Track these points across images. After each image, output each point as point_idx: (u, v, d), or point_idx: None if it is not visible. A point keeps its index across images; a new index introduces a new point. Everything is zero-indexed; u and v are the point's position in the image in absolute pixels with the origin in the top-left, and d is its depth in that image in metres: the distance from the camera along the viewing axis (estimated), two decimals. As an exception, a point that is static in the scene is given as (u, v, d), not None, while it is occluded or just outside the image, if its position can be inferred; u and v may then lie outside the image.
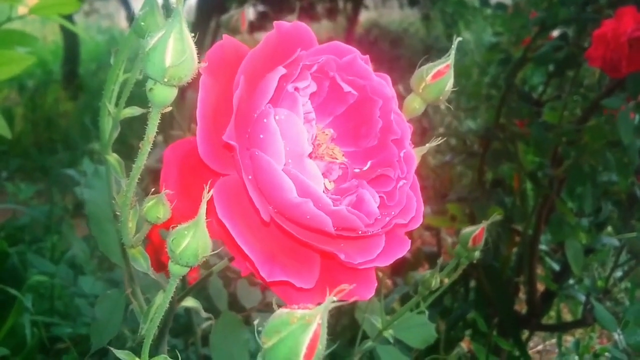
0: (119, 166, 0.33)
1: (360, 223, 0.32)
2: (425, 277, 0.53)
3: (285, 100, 0.33)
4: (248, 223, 0.31)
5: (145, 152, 0.29)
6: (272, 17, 4.32)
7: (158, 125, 0.32)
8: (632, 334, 0.70)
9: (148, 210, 0.31)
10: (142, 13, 0.31)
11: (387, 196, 0.34)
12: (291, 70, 0.32)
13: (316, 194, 0.30)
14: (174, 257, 0.28)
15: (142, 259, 0.34)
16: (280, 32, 0.34)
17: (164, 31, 0.26)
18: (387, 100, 0.35)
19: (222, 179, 0.31)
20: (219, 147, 0.31)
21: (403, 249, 0.34)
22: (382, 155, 0.36)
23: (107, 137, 0.33)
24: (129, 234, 0.33)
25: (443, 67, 0.38)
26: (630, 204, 1.10)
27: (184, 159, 0.32)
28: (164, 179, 0.31)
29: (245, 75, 0.31)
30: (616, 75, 0.92)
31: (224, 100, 0.31)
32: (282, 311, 0.24)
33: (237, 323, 0.54)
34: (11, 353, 0.85)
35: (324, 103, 0.37)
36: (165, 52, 0.26)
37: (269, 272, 0.29)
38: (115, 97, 0.33)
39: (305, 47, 0.34)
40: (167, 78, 0.26)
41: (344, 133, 0.37)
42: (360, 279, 0.33)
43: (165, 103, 0.28)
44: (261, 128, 0.31)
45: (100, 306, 0.46)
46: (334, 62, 0.34)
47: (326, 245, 0.31)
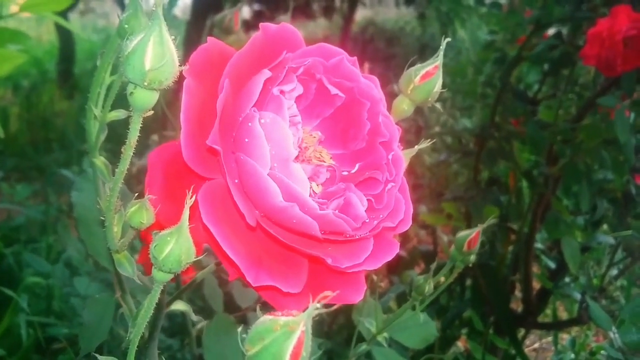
0: (105, 169, 0.32)
1: (347, 227, 0.31)
2: (418, 282, 0.53)
3: (271, 104, 0.33)
4: (234, 227, 0.31)
5: (127, 157, 0.29)
6: (267, 15, 4.31)
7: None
8: (627, 332, 0.70)
9: (131, 215, 0.30)
10: (125, 15, 0.30)
11: (375, 199, 0.34)
12: (277, 73, 0.32)
13: (302, 198, 0.30)
14: (157, 264, 0.28)
15: (127, 264, 0.34)
16: (266, 34, 0.33)
17: (144, 34, 0.26)
18: (375, 102, 0.35)
19: (208, 183, 0.31)
20: (203, 151, 0.30)
21: (391, 252, 0.34)
22: (370, 158, 0.36)
23: (94, 140, 0.33)
24: (114, 239, 0.32)
25: (431, 68, 0.38)
26: (626, 202, 1.10)
27: (169, 162, 0.31)
28: (148, 183, 0.31)
29: (230, 78, 0.31)
30: (611, 74, 0.92)
31: (209, 103, 0.30)
32: (266, 318, 0.24)
33: (230, 324, 0.53)
34: (7, 353, 0.85)
35: (311, 105, 0.36)
36: (145, 55, 0.25)
37: (255, 277, 0.29)
38: (101, 100, 0.33)
39: (292, 49, 0.34)
40: (147, 82, 0.26)
41: (332, 135, 0.37)
42: (348, 282, 0.32)
43: (146, 107, 0.27)
44: (246, 132, 0.30)
45: (89, 311, 0.45)
46: (321, 65, 0.34)
47: (313, 249, 0.31)
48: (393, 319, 0.56)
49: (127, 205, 0.31)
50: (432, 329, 0.62)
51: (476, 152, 1.25)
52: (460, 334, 1.23)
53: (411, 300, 0.54)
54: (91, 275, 0.97)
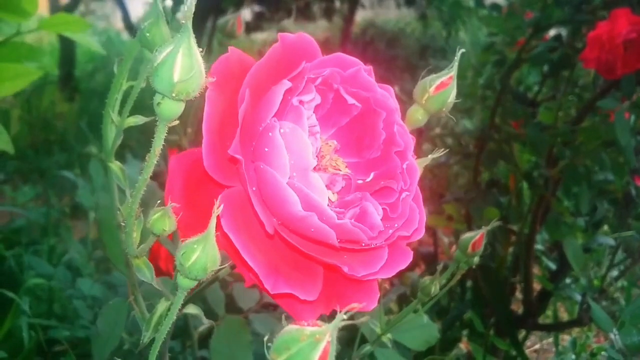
0: (121, 174, 0.32)
1: (364, 236, 0.32)
2: (425, 284, 0.52)
3: (290, 114, 0.33)
4: (252, 235, 0.31)
5: (151, 164, 0.29)
6: (268, 17, 4.31)
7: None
8: (628, 334, 0.71)
9: (154, 222, 0.31)
10: (147, 24, 0.31)
11: (390, 208, 0.35)
12: (296, 83, 0.33)
13: (320, 208, 0.30)
14: (183, 271, 0.28)
15: (146, 270, 0.34)
16: (285, 44, 0.34)
17: (173, 46, 0.26)
18: (391, 112, 0.36)
19: (227, 191, 0.31)
20: (224, 159, 0.31)
21: (406, 260, 0.34)
22: (385, 167, 0.36)
23: (110, 144, 0.33)
24: (134, 245, 0.33)
25: (446, 78, 0.38)
26: (626, 203, 1.10)
27: (188, 170, 0.32)
28: (168, 190, 0.31)
29: (250, 88, 0.31)
30: (611, 77, 0.92)
31: (230, 112, 0.31)
32: (292, 327, 0.24)
33: (239, 326, 0.54)
34: (9, 356, 0.85)
35: (328, 114, 0.37)
36: (174, 67, 0.26)
37: (273, 284, 0.30)
38: (118, 105, 0.33)
39: (310, 59, 0.34)
40: (175, 93, 0.26)
41: (348, 144, 0.38)
42: (363, 290, 0.33)
43: (173, 117, 0.28)
44: (266, 141, 0.31)
45: (103, 318, 0.45)
46: (338, 75, 0.35)
47: (329, 257, 0.31)
48: (397, 320, 0.56)
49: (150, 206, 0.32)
50: (433, 331, 0.62)
51: (476, 154, 1.26)
52: (462, 336, 1.23)
53: (416, 301, 0.54)
54: (93, 277, 0.97)
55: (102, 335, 0.44)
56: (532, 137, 1.07)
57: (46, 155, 2.73)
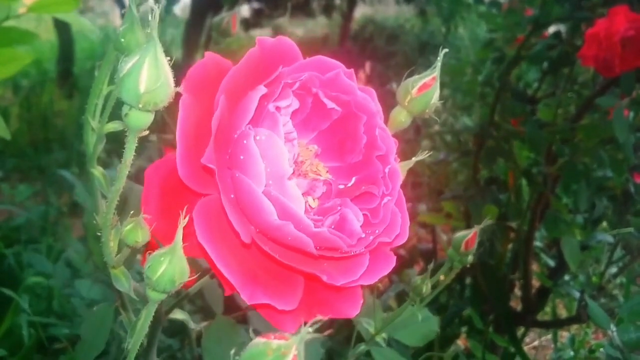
0: (103, 180, 0.32)
1: (343, 244, 0.31)
2: (416, 283, 0.52)
3: (266, 120, 0.32)
4: (229, 244, 0.31)
5: (123, 175, 0.29)
6: (267, 14, 4.30)
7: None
8: (625, 331, 0.71)
9: (127, 233, 0.31)
10: (122, 29, 0.30)
11: (371, 213, 0.34)
12: (272, 89, 0.32)
13: (297, 216, 0.30)
14: (151, 284, 0.28)
15: (124, 279, 0.33)
16: (263, 48, 0.33)
17: (138, 56, 0.25)
18: (372, 115, 0.35)
19: (203, 200, 0.31)
20: (199, 168, 0.30)
21: (388, 266, 0.33)
22: (366, 171, 0.36)
23: (92, 150, 0.33)
24: (111, 254, 0.32)
25: (429, 79, 0.37)
26: (625, 200, 1.11)
27: (165, 178, 0.31)
28: (145, 199, 0.31)
29: (226, 93, 0.31)
30: (609, 75, 0.92)
31: (206, 119, 0.30)
32: (259, 341, 0.24)
33: (230, 326, 0.53)
34: (8, 353, 0.85)
35: (308, 119, 0.36)
36: (140, 78, 0.25)
37: (250, 295, 0.29)
38: (99, 111, 0.33)
39: (289, 63, 0.34)
40: (142, 104, 0.26)
41: (329, 148, 0.37)
42: (345, 296, 0.33)
43: (142, 127, 0.27)
44: (241, 149, 0.30)
45: (87, 324, 0.45)
46: (317, 79, 0.34)
47: (308, 266, 0.31)
48: (391, 319, 0.56)
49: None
50: (433, 325, 0.61)
51: (475, 151, 1.26)
52: (460, 332, 1.23)
53: (409, 300, 0.54)
54: (92, 276, 0.97)
55: (85, 342, 0.44)
56: (531, 134, 1.07)
57: (45, 153, 2.73)
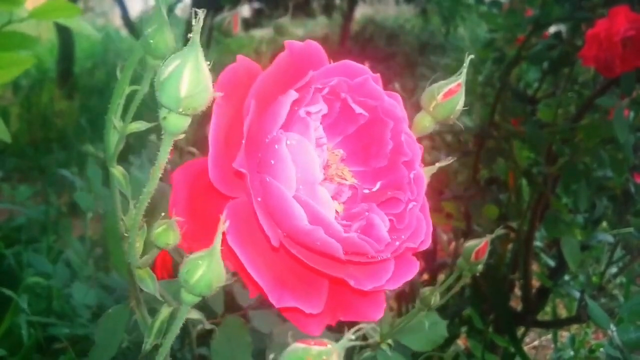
0: (124, 180, 0.32)
1: (371, 249, 0.31)
2: (424, 294, 0.52)
3: (297, 125, 0.33)
4: (257, 248, 0.31)
5: (156, 178, 0.29)
6: (267, 14, 4.30)
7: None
8: (625, 331, 0.71)
9: (158, 235, 0.30)
10: (151, 30, 0.30)
11: (397, 219, 0.34)
12: (303, 94, 0.32)
13: (327, 221, 0.30)
14: (188, 287, 0.28)
15: (149, 280, 0.34)
16: (292, 53, 0.33)
17: (180, 60, 0.25)
18: (398, 121, 0.35)
19: (232, 203, 0.31)
20: (230, 171, 0.30)
21: (412, 271, 0.34)
22: (392, 177, 0.36)
23: (112, 150, 0.32)
24: (137, 255, 0.32)
25: (454, 85, 0.37)
26: (625, 200, 1.11)
27: (193, 181, 0.31)
28: (173, 201, 0.31)
29: (257, 98, 0.31)
30: (610, 75, 0.92)
31: (236, 123, 0.30)
32: (298, 346, 0.24)
33: (239, 327, 0.53)
34: (8, 353, 0.85)
35: (334, 123, 0.36)
36: (181, 82, 0.25)
37: (279, 298, 0.29)
38: (120, 111, 0.32)
39: (317, 67, 0.34)
40: (181, 108, 0.26)
41: (354, 152, 0.37)
42: (369, 300, 0.33)
43: (179, 131, 0.27)
44: (272, 154, 0.31)
45: (101, 328, 0.44)
46: (345, 84, 0.34)
47: (335, 271, 0.31)
48: (397, 327, 0.55)
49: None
50: (441, 330, 0.60)
51: (476, 151, 1.26)
52: (460, 332, 1.23)
53: (416, 309, 0.53)
54: (91, 277, 0.97)
55: (101, 344, 0.43)
56: (531, 134, 1.07)
57: (45, 152, 2.73)
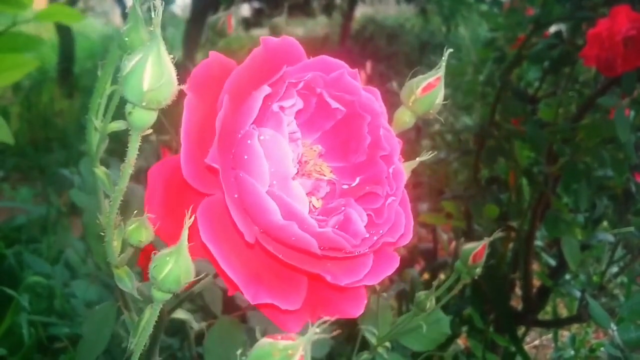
0: (106, 179, 0.32)
1: (347, 244, 0.31)
2: (420, 299, 0.51)
3: (270, 120, 0.33)
4: (233, 244, 0.30)
5: (126, 175, 0.29)
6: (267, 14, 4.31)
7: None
8: (626, 330, 0.71)
9: (130, 233, 0.30)
10: (125, 28, 0.30)
11: (375, 214, 0.34)
12: (276, 88, 0.32)
13: (301, 216, 0.30)
14: (156, 284, 0.28)
15: (127, 279, 0.33)
16: (267, 48, 0.33)
17: (142, 54, 0.25)
18: (376, 115, 0.35)
19: (207, 199, 0.31)
20: (203, 167, 0.30)
21: (392, 266, 0.33)
22: (371, 171, 0.36)
23: (95, 150, 0.32)
24: (114, 254, 0.32)
25: (433, 79, 0.37)
26: (626, 199, 1.11)
27: (169, 178, 0.31)
28: (148, 198, 0.31)
29: (230, 93, 0.31)
30: (611, 74, 0.92)
31: (210, 118, 0.30)
32: (265, 341, 0.24)
33: (233, 326, 0.53)
34: (9, 353, 0.86)
35: (312, 119, 0.36)
36: (143, 76, 0.25)
37: (254, 294, 0.29)
38: (102, 110, 0.33)
39: (293, 62, 0.34)
40: (145, 102, 0.26)
41: (333, 148, 0.37)
42: (349, 296, 0.33)
43: (145, 126, 0.27)
44: (245, 149, 0.30)
45: (88, 324, 0.44)
46: (321, 78, 0.34)
47: (312, 266, 0.31)
48: (395, 329, 0.54)
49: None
50: (443, 327, 0.59)
51: (476, 151, 1.26)
52: (461, 332, 1.23)
53: (411, 314, 0.52)
54: (90, 276, 0.97)
55: (88, 341, 0.44)
56: (532, 134, 1.07)
57: (45, 152, 2.73)
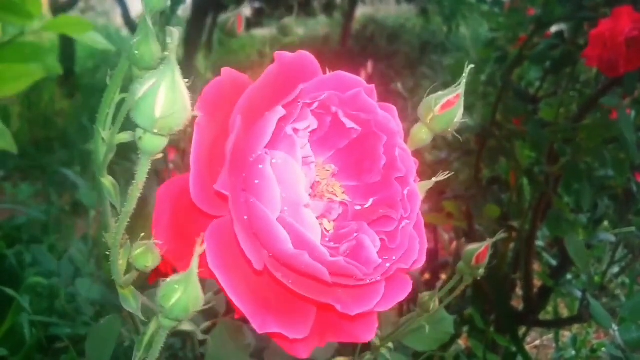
0: (113, 190, 0.30)
1: (359, 272, 0.30)
2: (423, 300, 0.50)
3: (284, 143, 0.31)
4: (241, 270, 0.29)
5: (134, 197, 0.28)
6: (268, 13, 4.31)
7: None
8: (627, 330, 0.71)
9: (137, 258, 0.30)
10: (136, 41, 0.29)
11: (389, 238, 0.33)
12: (291, 110, 0.31)
13: (312, 245, 0.29)
14: (164, 312, 0.27)
15: (132, 299, 0.33)
16: (281, 64, 0.32)
17: (155, 79, 0.24)
18: (392, 135, 0.34)
19: (216, 222, 0.30)
20: (213, 190, 0.29)
21: (404, 292, 0.32)
22: (385, 193, 0.34)
23: (102, 160, 0.31)
24: (119, 273, 0.31)
25: (453, 97, 0.36)
26: (627, 199, 1.11)
27: (177, 198, 0.30)
28: (156, 219, 0.30)
29: (243, 113, 0.29)
30: (613, 74, 0.92)
31: (221, 139, 0.29)
32: None
33: (235, 329, 0.53)
34: (10, 353, 0.86)
35: (326, 137, 0.35)
36: (156, 102, 0.24)
37: (261, 324, 0.28)
38: (109, 121, 0.32)
39: (308, 78, 0.33)
40: (157, 129, 0.25)
41: (347, 167, 0.36)
42: (360, 322, 0.32)
43: (156, 151, 0.26)
44: (257, 174, 0.29)
45: (92, 340, 0.44)
46: (337, 97, 0.33)
47: (322, 296, 0.30)
48: (397, 330, 0.54)
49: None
50: (447, 327, 0.58)
51: (477, 151, 1.25)
52: (462, 332, 1.23)
53: (415, 315, 0.52)
54: (94, 275, 0.97)
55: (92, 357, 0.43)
56: (533, 133, 1.07)
57: (47, 152, 2.73)
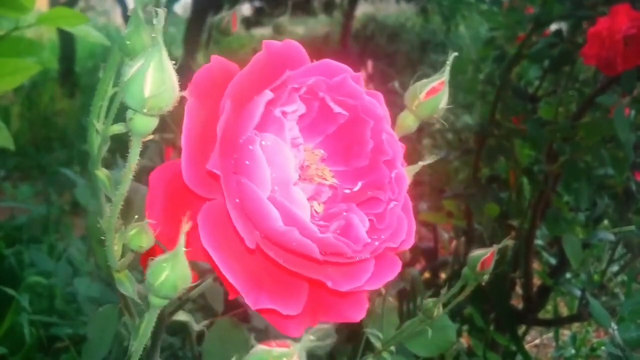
0: (107, 181, 0.32)
1: (348, 249, 0.31)
2: (427, 306, 0.50)
3: (272, 125, 0.32)
4: (233, 249, 0.30)
5: (127, 179, 0.29)
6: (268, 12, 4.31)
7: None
8: (626, 329, 0.71)
9: (131, 238, 0.30)
10: (127, 31, 0.30)
11: (377, 219, 0.34)
12: (279, 93, 0.32)
13: (302, 222, 0.30)
14: (153, 290, 0.28)
15: (128, 283, 0.33)
16: (269, 52, 0.33)
17: (143, 61, 0.26)
18: (379, 120, 0.35)
19: (208, 204, 0.31)
20: (204, 172, 0.30)
21: (393, 271, 0.33)
22: (373, 176, 0.35)
23: (96, 152, 0.32)
24: (115, 258, 0.32)
25: (437, 84, 0.37)
26: (626, 198, 1.11)
27: (170, 182, 0.31)
28: (149, 203, 0.31)
29: (232, 98, 0.31)
30: (612, 73, 0.92)
31: (211, 123, 0.30)
32: (259, 348, 0.24)
33: (232, 326, 0.53)
34: (10, 352, 0.86)
35: (314, 123, 0.36)
36: (144, 82, 0.25)
37: (255, 300, 0.29)
38: (104, 112, 0.33)
39: (296, 66, 0.34)
40: (146, 109, 0.26)
41: (335, 152, 0.37)
42: (350, 301, 0.33)
43: (146, 132, 0.27)
44: (247, 155, 0.30)
45: (92, 326, 0.45)
46: (324, 83, 0.34)
47: (313, 272, 0.31)
48: (400, 334, 0.54)
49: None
50: (449, 335, 0.58)
51: (476, 150, 1.26)
52: (462, 331, 1.24)
53: (418, 320, 0.51)
54: (92, 274, 0.98)
55: (92, 343, 0.44)
56: (532, 132, 1.07)
57: (46, 152, 2.73)
